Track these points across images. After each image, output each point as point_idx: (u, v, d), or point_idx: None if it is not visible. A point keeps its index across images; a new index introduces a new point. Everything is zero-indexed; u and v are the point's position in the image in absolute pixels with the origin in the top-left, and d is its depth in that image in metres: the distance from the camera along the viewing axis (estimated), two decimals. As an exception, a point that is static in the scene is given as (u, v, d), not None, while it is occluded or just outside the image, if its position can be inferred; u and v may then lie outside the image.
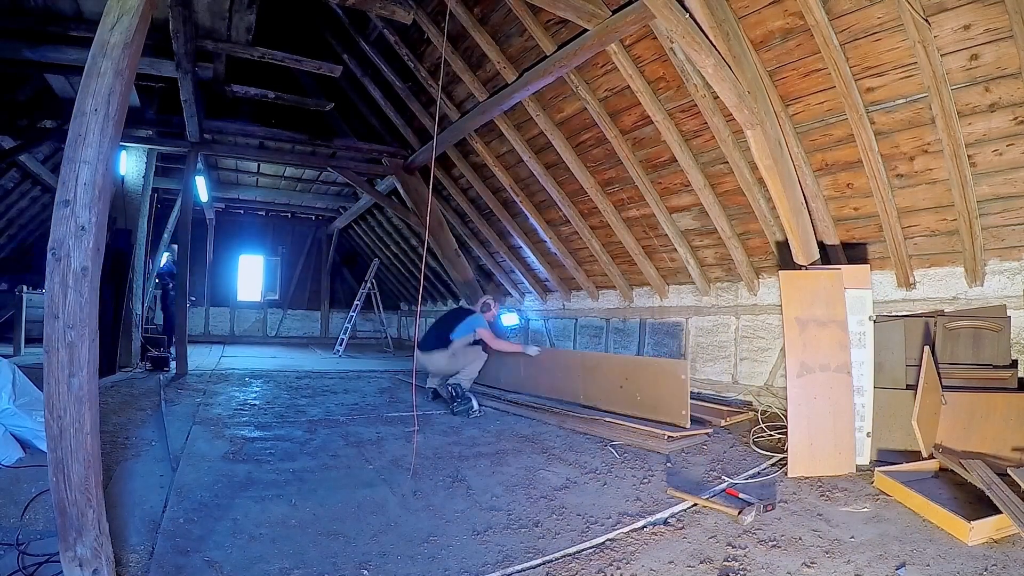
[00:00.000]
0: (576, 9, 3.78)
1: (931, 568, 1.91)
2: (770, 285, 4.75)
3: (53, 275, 1.65)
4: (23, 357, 6.42)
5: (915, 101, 3.15)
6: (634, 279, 6.10)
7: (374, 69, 6.75)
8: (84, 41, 4.23)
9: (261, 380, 6.19)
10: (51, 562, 1.79)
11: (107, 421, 3.61)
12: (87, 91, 1.72)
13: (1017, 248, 3.32)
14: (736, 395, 4.92)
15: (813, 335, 3.12)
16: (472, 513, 2.46)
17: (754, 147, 3.46)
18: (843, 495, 2.63)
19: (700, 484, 2.82)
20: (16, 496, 2.35)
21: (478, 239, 8.06)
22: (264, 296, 13.22)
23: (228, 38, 5.07)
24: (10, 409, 2.81)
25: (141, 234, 6.74)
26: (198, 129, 6.41)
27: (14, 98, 6.12)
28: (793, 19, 3.24)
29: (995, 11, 2.64)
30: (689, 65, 3.75)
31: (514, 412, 4.63)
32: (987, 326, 3.22)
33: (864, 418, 3.14)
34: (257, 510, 2.39)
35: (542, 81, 4.62)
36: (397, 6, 4.78)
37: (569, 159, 5.29)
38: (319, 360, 9.11)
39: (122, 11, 1.77)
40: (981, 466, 2.51)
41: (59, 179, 1.70)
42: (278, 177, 10.51)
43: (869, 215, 3.79)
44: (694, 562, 2.00)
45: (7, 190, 8.08)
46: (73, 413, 1.65)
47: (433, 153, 6.35)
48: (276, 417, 4.26)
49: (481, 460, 3.24)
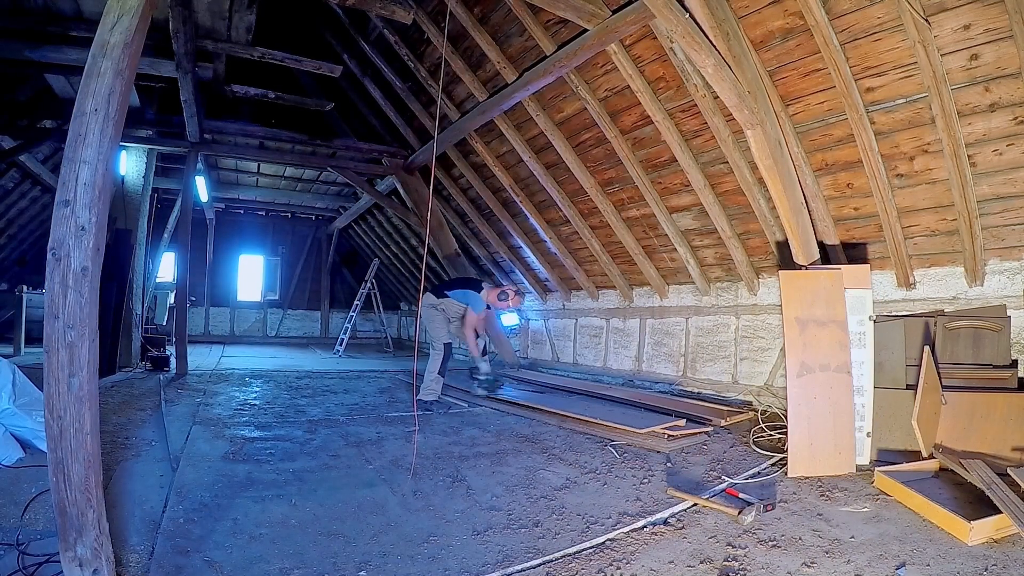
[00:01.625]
0: (576, 9, 3.78)
1: (931, 568, 1.91)
2: (770, 285, 4.75)
3: (53, 275, 1.65)
4: (23, 357, 6.42)
5: (915, 101, 3.15)
6: (634, 279, 6.10)
7: (374, 69, 6.75)
8: (84, 41, 4.23)
9: (261, 380, 6.19)
10: (51, 562, 1.78)
11: (107, 421, 3.61)
12: (87, 91, 1.72)
13: (1017, 248, 3.32)
14: (736, 395, 4.92)
15: (813, 335, 3.12)
16: (472, 513, 2.46)
17: (754, 147, 3.46)
18: (843, 495, 2.63)
19: (700, 484, 2.82)
20: (16, 496, 2.35)
21: (478, 239, 8.06)
22: (264, 296, 13.22)
23: (228, 38, 5.07)
24: (10, 409, 2.81)
25: (141, 234, 6.74)
26: (198, 129, 6.41)
27: (14, 98, 6.12)
28: (793, 19, 3.24)
29: (995, 11, 2.64)
30: (689, 65, 3.75)
31: (514, 412, 4.63)
32: (987, 326, 3.22)
33: (864, 418, 3.14)
34: (257, 510, 2.39)
35: (542, 81, 4.62)
36: (397, 6, 4.79)
37: (569, 159, 5.29)
38: (319, 360, 9.11)
39: (122, 11, 1.77)
40: (981, 466, 2.51)
41: (59, 179, 1.70)
42: (278, 177, 10.51)
43: (869, 215, 3.79)
44: (694, 562, 2.00)
45: (7, 190, 8.08)
46: (73, 413, 1.65)
47: (433, 153, 6.35)
48: (276, 417, 4.26)
49: (481, 460, 3.23)
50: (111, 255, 5.51)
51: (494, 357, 8.25)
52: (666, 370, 5.71)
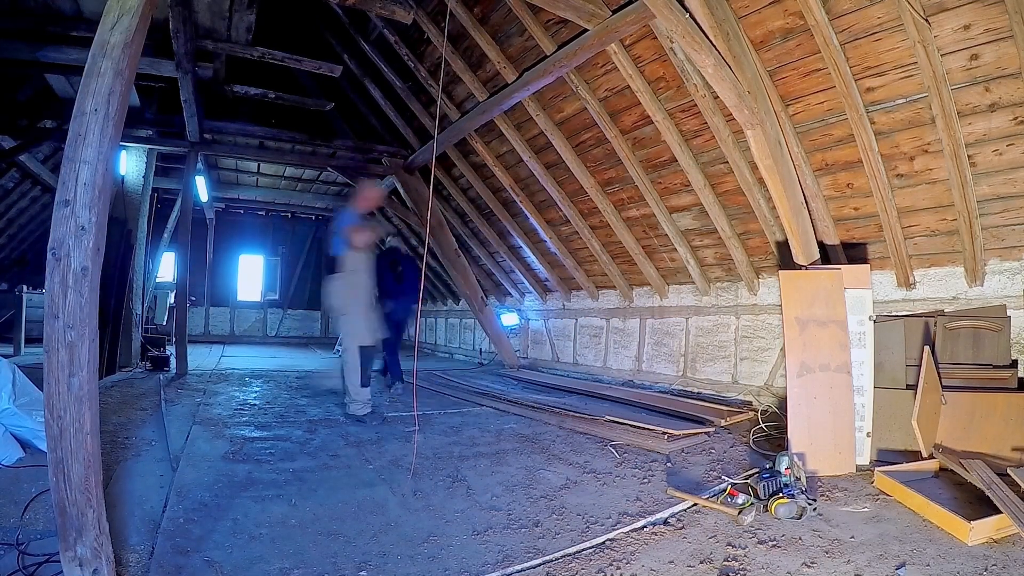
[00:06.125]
0: (576, 9, 3.78)
1: (931, 568, 1.91)
2: (770, 285, 4.75)
3: (53, 275, 1.65)
4: (23, 357, 6.42)
5: (915, 101, 3.14)
6: (634, 279, 6.10)
7: (374, 69, 6.75)
8: (84, 41, 4.23)
9: (261, 380, 6.18)
10: (51, 562, 1.78)
11: (107, 421, 3.61)
12: (87, 91, 1.72)
13: (1017, 248, 3.32)
14: (736, 395, 4.91)
15: (813, 335, 3.12)
16: (472, 513, 2.46)
17: (754, 147, 3.46)
18: (843, 495, 2.63)
19: (700, 484, 2.82)
20: (16, 496, 2.35)
21: (478, 239, 8.06)
22: (264, 296, 13.22)
23: (228, 38, 5.07)
24: (10, 409, 2.80)
25: (141, 234, 6.74)
26: (198, 129, 6.41)
27: (14, 98, 6.12)
28: (793, 19, 3.24)
29: (995, 11, 2.64)
30: (689, 65, 3.75)
31: (514, 412, 4.63)
32: (987, 326, 3.22)
33: (864, 418, 3.14)
34: (257, 510, 2.39)
35: (542, 81, 4.62)
36: (397, 6, 4.78)
37: (569, 159, 5.29)
38: (319, 360, 9.10)
39: (122, 11, 1.76)
40: (981, 466, 2.51)
41: (59, 179, 1.69)
42: (278, 177, 10.51)
43: (869, 215, 3.79)
44: (694, 562, 2.00)
45: (7, 190, 8.08)
46: (73, 413, 1.65)
47: (433, 153, 6.34)
48: (276, 417, 4.25)
49: (481, 460, 3.23)
50: (111, 255, 5.51)
51: (494, 357, 8.26)
52: (666, 370, 5.71)
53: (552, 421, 4.23)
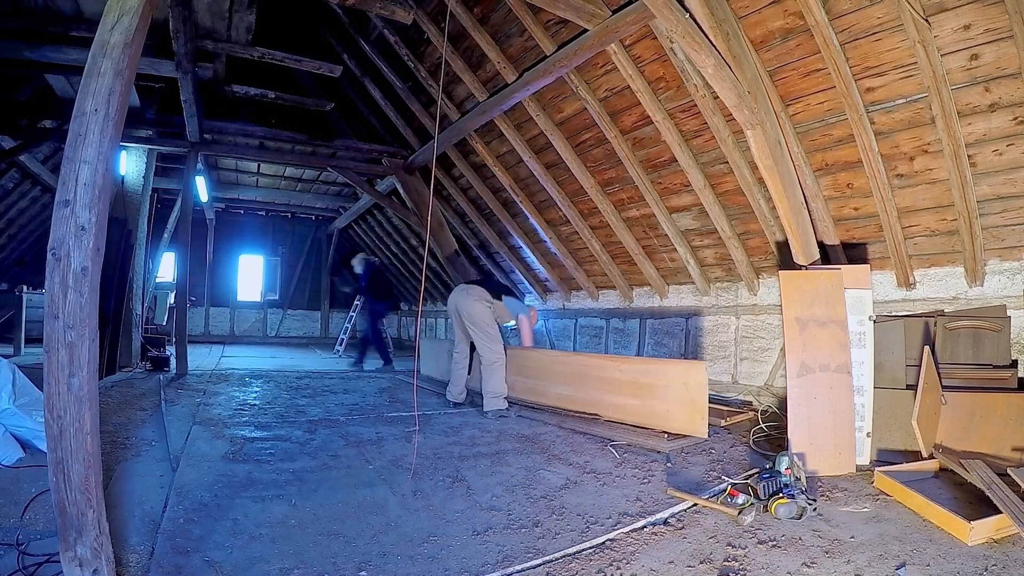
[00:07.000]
0: (576, 9, 3.78)
1: (931, 568, 1.91)
2: (770, 285, 4.75)
3: (53, 275, 1.65)
4: (23, 357, 6.43)
5: (915, 101, 3.15)
6: (634, 279, 6.10)
7: (374, 69, 6.75)
8: (84, 41, 4.24)
9: (261, 380, 6.19)
10: (51, 562, 1.78)
11: (107, 421, 3.61)
12: (87, 91, 1.72)
13: (1017, 248, 3.32)
14: (736, 395, 4.92)
15: (813, 335, 3.12)
16: (472, 513, 2.46)
17: (754, 147, 3.46)
18: (843, 495, 2.63)
19: (700, 484, 2.82)
20: (16, 496, 2.35)
21: (478, 239, 8.06)
22: (264, 296, 13.22)
23: (228, 38, 5.07)
24: (10, 409, 2.81)
25: (141, 234, 6.75)
26: (198, 129, 6.41)
27: (14, 98, 6.12)
28: (793, 19, 3.24)
29: (995, 11, 2.64)
30: (689, 65, 3.75)
31: (514, 413, 4.62)
32: (987, 326, 3.22)
33: (864, 418, 3.14)
34: (257, 510, 2.38)
35: (542, 81, 4.62)
36: (397, 6, 4.79)
37: (569, 159, 5.29)
38: (319, 360, 9.11)
39: (122, 11, 1.76)
40: (981, 466, 2.51)
41: (59, 179, 1.69)
42: (278, 177, 10.52)
43: (869, 215, 3.79)
44: (694, 562, 2.00)
45: (7, 190, 8.08)
46: (73, 413, 1.64)
47: (433, 153, 6.35)
48: (276, 417, 4.26)
49: (481, 460, 3.23)
50: (111, 255, 5.51)
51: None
52: (666, 370, 5.70)
53: (552, 421, 4.23)
